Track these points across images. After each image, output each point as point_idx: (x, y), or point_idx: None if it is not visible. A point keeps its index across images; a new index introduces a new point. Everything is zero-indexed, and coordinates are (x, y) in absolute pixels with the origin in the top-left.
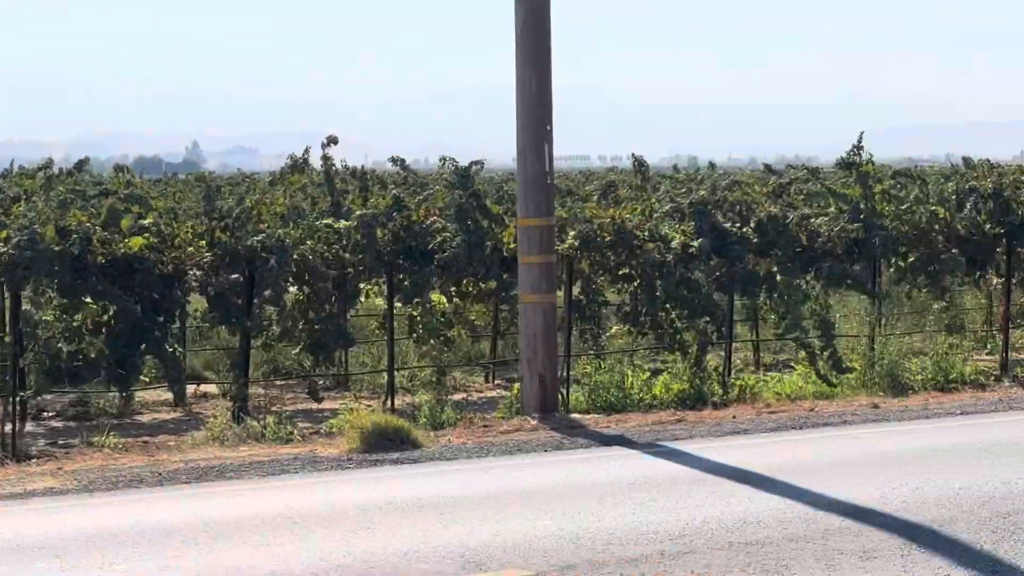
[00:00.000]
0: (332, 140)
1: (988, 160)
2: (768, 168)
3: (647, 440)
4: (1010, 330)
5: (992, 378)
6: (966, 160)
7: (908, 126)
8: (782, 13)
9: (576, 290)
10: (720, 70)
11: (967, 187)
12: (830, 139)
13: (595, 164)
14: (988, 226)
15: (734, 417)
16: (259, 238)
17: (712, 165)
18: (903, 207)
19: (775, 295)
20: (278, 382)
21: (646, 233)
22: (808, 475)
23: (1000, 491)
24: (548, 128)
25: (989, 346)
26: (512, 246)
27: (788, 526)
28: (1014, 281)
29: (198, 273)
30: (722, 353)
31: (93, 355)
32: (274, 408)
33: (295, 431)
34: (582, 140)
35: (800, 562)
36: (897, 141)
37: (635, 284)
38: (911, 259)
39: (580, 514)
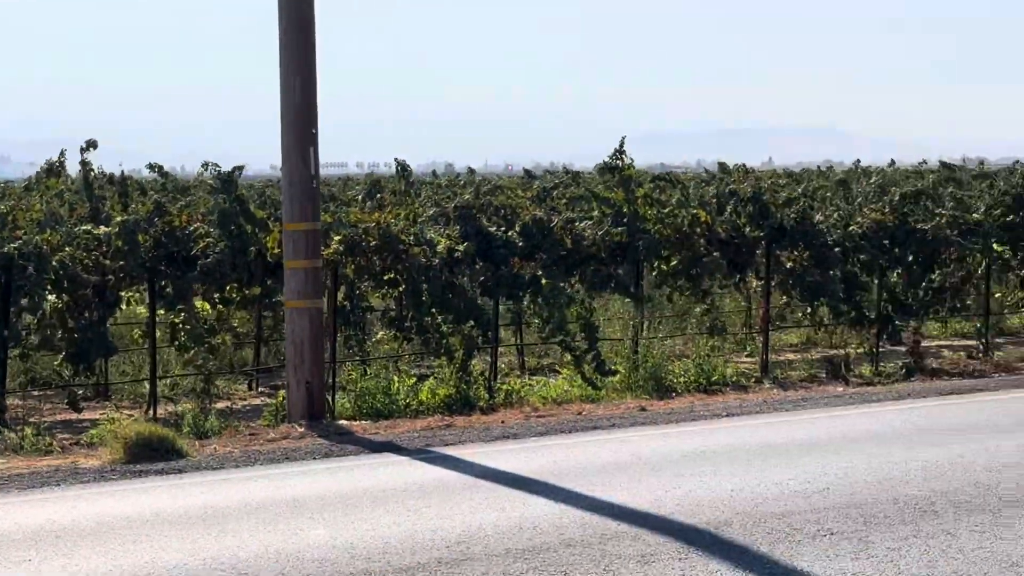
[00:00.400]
0: (92, 144)
1: (744, 165)
2: (528, 173)
3: (417, 446)
4: (769, 332)
5: (753, 380)
6: (722, 165)
7: (661, 134)
8: (532, 20)
9: (341, 296)
10: (475, 80)
11: (727, 191)
12: (585, 146)
13: (353, 171)
14: (748, 229)
15: (503, 422)
16: (16, 245)
17: (472, 171)
18: (665, 211)
19: (540, 299)
20: (36, 392)
21: (411, 237)
22: (582, 479)
23: (772, 492)
24: (313, 132)
25: (749, 348)
26: (277, 251)
27: (565, 531)
28: (773, 283)
29: None
30: (488, 358)
31: None
32: (32, 419)
33: (55, 442)
34: (338, 148)
35: (579, 567)
36: (651, 148)
37: (400, 289)
38: (673, 262)
39: (353, 522)
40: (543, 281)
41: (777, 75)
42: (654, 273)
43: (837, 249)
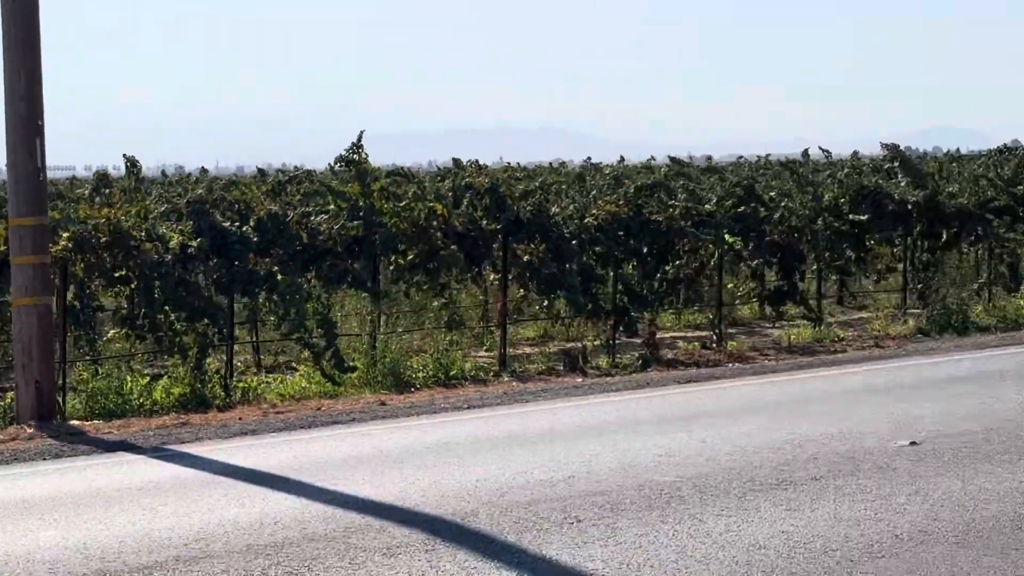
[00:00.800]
0: None
1: (477, 160)
2: (261, 172)
3: (152, 444)
4: (507, 326)
5: (492, 373)
6: (456, 161)
7: (393, 135)
8: (254, 24)
9: (70, 295)
10: (194, 82)
11: (463, 184)
12: (317, 150)
13: (81, 173)
14: (485, 222)
15: (240, 419)
16: None
17: (204, 171)
18: (402, 204)
19: (276, 295)
20: None
21: (143, 233)
22: (323, 473)
23: (518, 481)
24: (40, 123)
25: (487, 342)
26: (2, 248)
27: (308, 526)
28: (510, 277)
29: None
30: (223, 356)
31: None
32: None
33: None
34: (65, 150)
35: (323, 562)
36: (383, 149)
37: (132, 287)
38: (410, 256)
39: (87, 523)
40: (279, 277)
41: (506, 75)
42: (391, 267)
43: (574, 242)
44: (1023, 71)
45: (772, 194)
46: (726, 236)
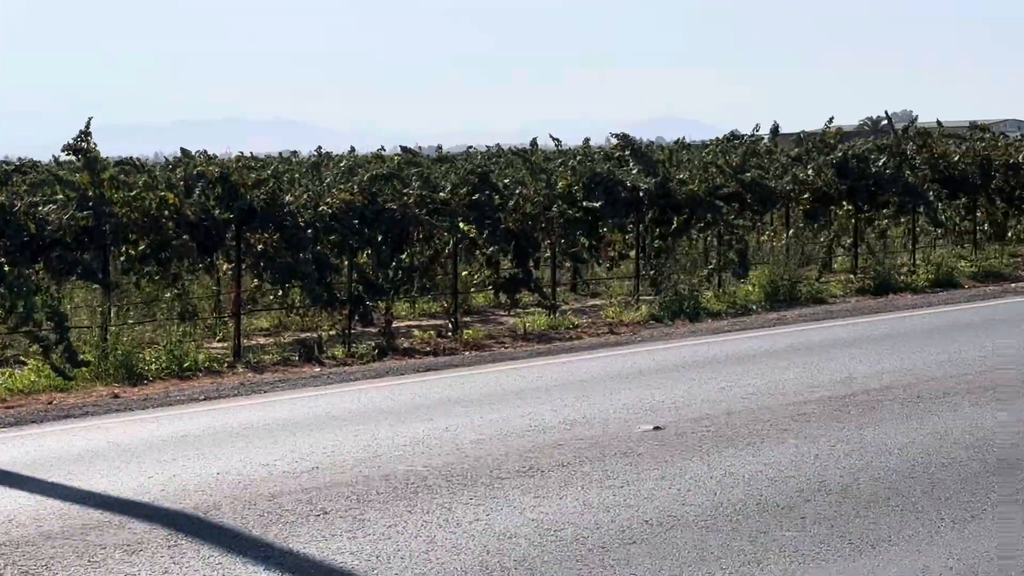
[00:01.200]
0: None
1: (205, 151)
2: None
3: None
4: (241, 316)
5: (226, 364)
6: (185, 152)
7: (118, 126)
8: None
9: None
10: None
11: (195, 173)
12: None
13: None
14: (218, 212)
15: None
16: None
17: None
18: (132, 194)
19: (3, 287)
20: None
21: None
22: (58, 469)
23: (260, 474)
24: None
25: (221, 333)
26: None
27: (43, 523)
28: (244, 266)
29: None
30: None
31: None
32: None
33: None
34: None
35: (62, 561)
36: (108, 140)
37: None
38: (142, 247)
39: None
40: (6, 268)
41: (235, 66)
42: (122, 258)
43: (308, 231)
44: (739, 62)
45: (506, 181)
46: (461, 224)
